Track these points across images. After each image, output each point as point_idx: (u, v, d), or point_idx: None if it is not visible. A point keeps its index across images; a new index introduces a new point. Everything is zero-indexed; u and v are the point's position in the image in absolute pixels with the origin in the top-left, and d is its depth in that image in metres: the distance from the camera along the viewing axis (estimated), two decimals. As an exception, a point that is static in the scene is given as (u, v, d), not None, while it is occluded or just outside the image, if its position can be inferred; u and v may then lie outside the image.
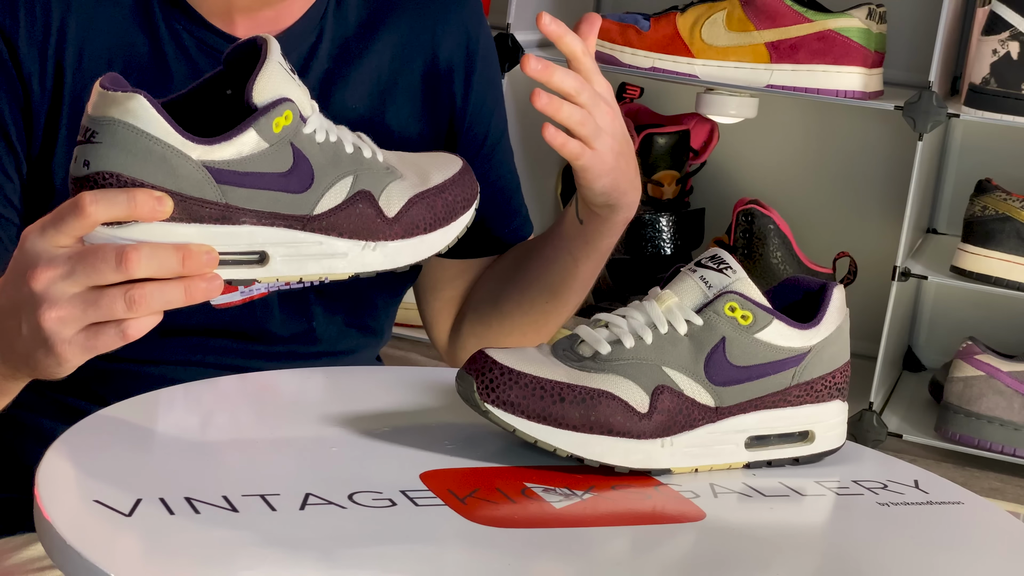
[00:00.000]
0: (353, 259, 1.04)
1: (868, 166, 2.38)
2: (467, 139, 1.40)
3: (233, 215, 0.99)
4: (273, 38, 1.03)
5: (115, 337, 0.98)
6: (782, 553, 0.97)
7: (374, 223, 1.04)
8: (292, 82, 1.02)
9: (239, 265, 1.00)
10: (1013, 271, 2.03)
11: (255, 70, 1.00)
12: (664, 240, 2.24)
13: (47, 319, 0.96)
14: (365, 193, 1.04)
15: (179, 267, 0.97)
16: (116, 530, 0.86)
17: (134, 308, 0.96)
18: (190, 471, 0.96)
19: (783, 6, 2.07)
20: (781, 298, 1.10)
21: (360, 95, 1.32)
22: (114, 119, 0.96)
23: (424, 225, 1.07)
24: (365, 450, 1.03)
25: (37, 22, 1.20)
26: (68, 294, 0.96)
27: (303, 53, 1.29)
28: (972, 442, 2.02)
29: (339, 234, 1.03)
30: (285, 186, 1.01)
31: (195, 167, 0.97)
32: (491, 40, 1.44)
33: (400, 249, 1.06)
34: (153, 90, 1.23)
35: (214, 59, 1.25)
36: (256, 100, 0.99)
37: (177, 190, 0.97)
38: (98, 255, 0.96)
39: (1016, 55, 1.99)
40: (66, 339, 0.97)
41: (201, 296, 0.98)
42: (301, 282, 1.04)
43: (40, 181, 1.22)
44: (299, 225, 1.02)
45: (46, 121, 1.21)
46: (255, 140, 0.99)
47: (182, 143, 0.97)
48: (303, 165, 1.01)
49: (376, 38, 1.33)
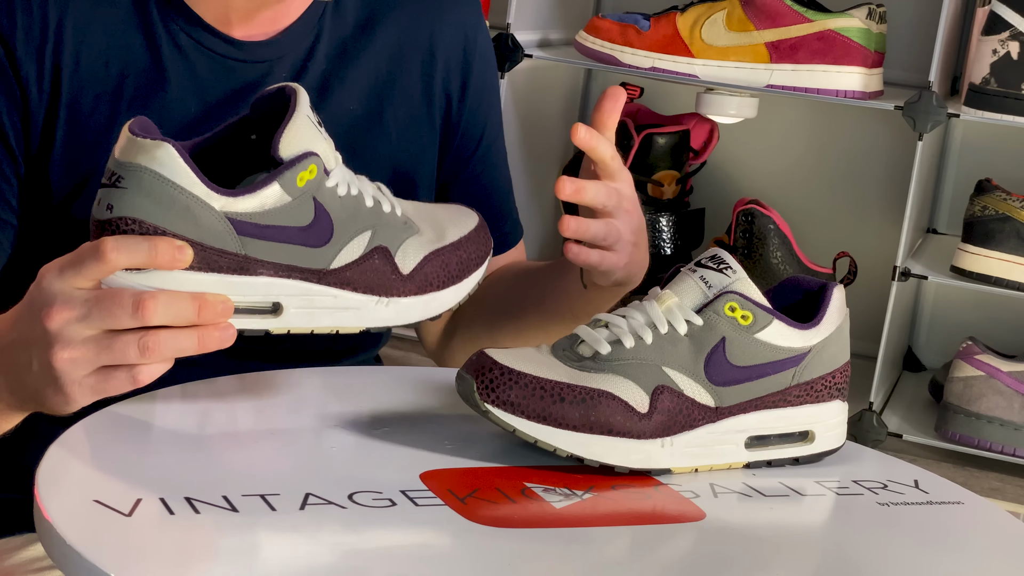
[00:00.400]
0: (365, 314, 1.06)
1: (868, 166, 2.38)
2: (462, 140, 1.40)
3: (251, 266, 1.00)
4: (302, 88, 1.03)
5: (125, 381, 0.99)
6: (782, 553, 0.97)
7: (388, 279, 1.06)
8: (319, 135, 1.02)
9: (252, 315, 1.02)
10: (1013, 271, 2.03)
11: (283, 122, 1.01)
12: (664, 240, 2.24)
13: (59, 359, 0.97)
14: (382, 249, 1.05)
15: (194, 316, 0.98)
16: (116, 530, 0.85)
17: (147, 355, 0.97)
18: (190, 471, 0.96)
19: (783, 6, 2.06)
20: (781, 298, 1.10)
21: (358, 96, 1.32)
22: (141, 166, 0.97)
23: (437, 283, 1.08)
24: (365, 450, 1.03)
25: (34, 24, 1.20)
26: (82, 336, 0.97)
27: (301, 55, 1.29)
28: (972, 442, 2.02)
29: (353, 288, 1.04)
30: (304, 240, 1.02)
31: (217, 218, 0.98)
32: (489, 42, 1.44)
33: (412, 306, 1.07)
34: (150, 92, 1.24)
35: (211, 60, 1.25)
36: (283, 153, 1.00)
37: (198, 240, 0.98)
38: (115, 300, 0.96)
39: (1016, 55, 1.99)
40: (76, 380, 0.98)
41: (214, 345, 0.99)
42: (312, 333, 1.05)
43: (37, 183, 1.22)
44: (315, 278, 1.03)
45: (43, 123, 1.21)
46: (278, 194, 1.00)
47: (206, 193, 0.98)
48: (323, 219, 1.02)
49: (374, 38, 1.33)
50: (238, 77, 1.26)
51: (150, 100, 1.23)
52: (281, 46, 1.28)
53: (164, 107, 1.24)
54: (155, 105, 1.24)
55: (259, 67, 1.27)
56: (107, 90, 1.22)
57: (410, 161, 1.36)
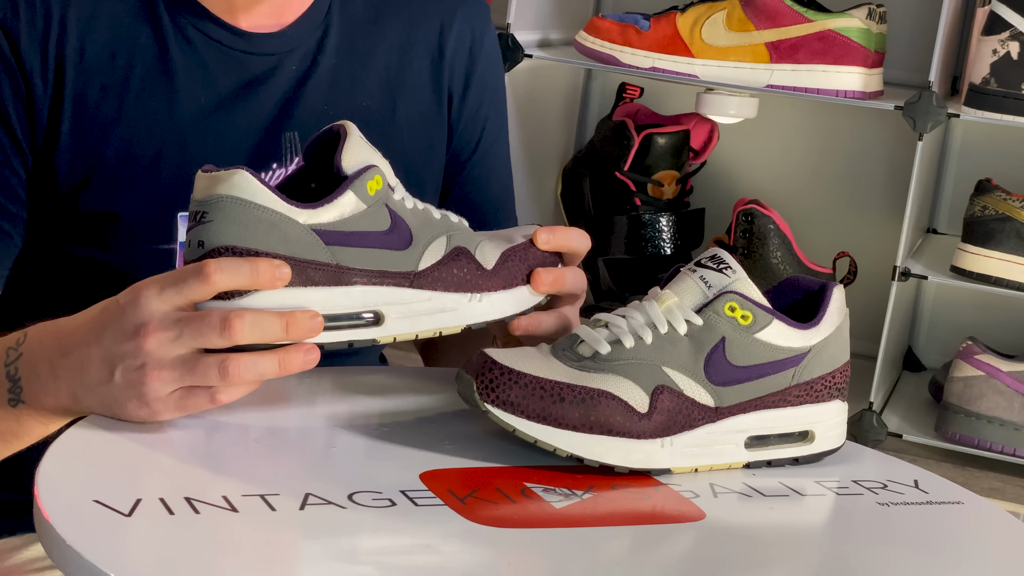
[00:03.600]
0: (462, 312, 1.07)
1: (868, 166, 2.38)
2: (460, 139, 1.40)
3: (345, 276, 1.01)
4: (350, 123, 1.05)
5: (206, 401, 1.00)
6: (782, 553, 0.97)
7: (475, 276, 1.07)
8: (376, 153, 1.04)
9: (356, 328, 1.03)
10: (1013, 271, 2.03)
11: (340, 145, 1.03)
12: (664, 240, 2.24)
13: (151, 378, 0.98)
14: (462, 249, 1.07)
15: (283, 334, 0.99)
16: (116, 530, 0.85)
17: (227, 379, 0.98)
18: (190, 471, 0.96)
19: (783, 6, 2.06)
20: (781, 298, 1.10)
21: (370, 92, 1.32)
22: (222, 195, 0.99)
23: (521, 277, 1.10)
24: (365, 450, 1.03)
25: (37, 16, 1.21)
26: (172, 356, 0.98)
27: (310, 48, 1.29)
28: (972, 442, 2.02)
29: (445, 288, 1.06)
30: (388, 243, 1.03)
31: (304, 231, 1.00)
32: (496, 45, 1.44)
33: (504, 299, 1.09)
34: (157, 83, 1.24)
35: (220, 52, 1.26)
36: (345, 168, 1.02)
37: (290, 255, 0.99)
38: (205, 320, 0.97)
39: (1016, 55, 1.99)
40: (161, 397, 0.99)
41: (296, 368, 1.00)
42: (416, 338, 1.06)
43: (44, 175, 1.23)
44: (407, 283, 1.04)
45: (48, 115, 1.22)
46: (354, 201, 1.02)
47: (289, 209, 1.00)
48: (400, 225, 1.04)
49: (384, 34, 1.34)
50: (247, 69, 1.27)
51: (157, 92, 1.24)
52: (290, 39, 1.28)
53: (172, 98, 1.24)
54: (163, 97, 1.24)
55: (268, 60, 1.27)
56: (114, 82, 1.23)
57: (421, 159, 1.36)
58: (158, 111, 1.23)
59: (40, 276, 1.26)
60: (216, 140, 1.25)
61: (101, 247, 1.23)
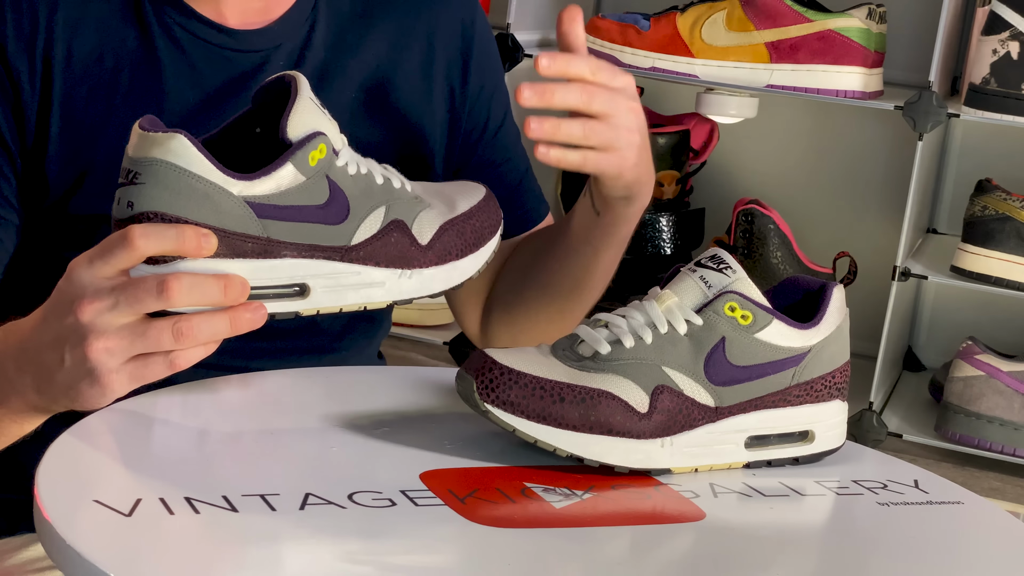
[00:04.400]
0: (390, 287, 1.06)
1: (868, 166, 2.38)
2: (468, 124, 1.40)
3: (275, 248, 1.01)
4: (301, 75, 1.04)
5: (163, 367, 0.99)
6: (782, 553, 0.97)
7: (408, 251, 1.06)
8: (323, 116, 1.03)
9: (280, 299, 1.02)
10: (1013, 271, 2.03)
11: (287, 106, 1.02)
12: (664, 240, 2.24)
13: (94, 350, 0.98)
14: (398, 222, 1.06)
15: (220, 296, 0.98)
16: (116, 530, 0.85)
17: (181, 340, 0.98)
18: (190, 471, 0.96)
19: (783, 6, 2.07)
20: (781, 298, 1.10)
21: (358, 85, 1.32)
22: (156, 159, 0.98)
23: (456, 251, 1.09)
24: (365, 450, 1.03)
25: (24, 20, 1.20)
26: (115, 325, 0.97)
27: (298, 43, 1.29)
28: (972, 442, 2.02)
29: (376, 263, 1.05)
30: (323, 218, 1.02)
31: (237, 203, 0.99)
32: (487, 25, 1.44)
33: (434, 276, 1.08)
34: (146, 84, 1.24)
35: (207, 50, 1.25)
36: (290, 135, 1.01)
37: (220, 226, 0.99)
38: (140, 285, 0.97)
39: (1016, 55, 1.99)
40: (112, 369, 0.98)
41: (246, 326, 1.00)
42: (340, 311, 1.05)
43: (34, 179, 1.22)
44: (337, 256, 1.03)
45: (37, 119, 1.21)
46: (293, 173, 1.00)
47: (223, 180, 0.98)
48: (339, 197, 1.03)
49: (372, 27, 1.34)
50: (235, 67, 1.26)
51: (146, 92, 1.23)
52: (277, 34, 1.28)
53: (161, 99, 1.24)
54: (152, 97, 1.24)
55: (256, 56, 1.27)
56: (101, 84, 1.22)
57: (411, 150, 1.36)
58: (147, 112, 1.23)
59: (34, 280, 1.26)
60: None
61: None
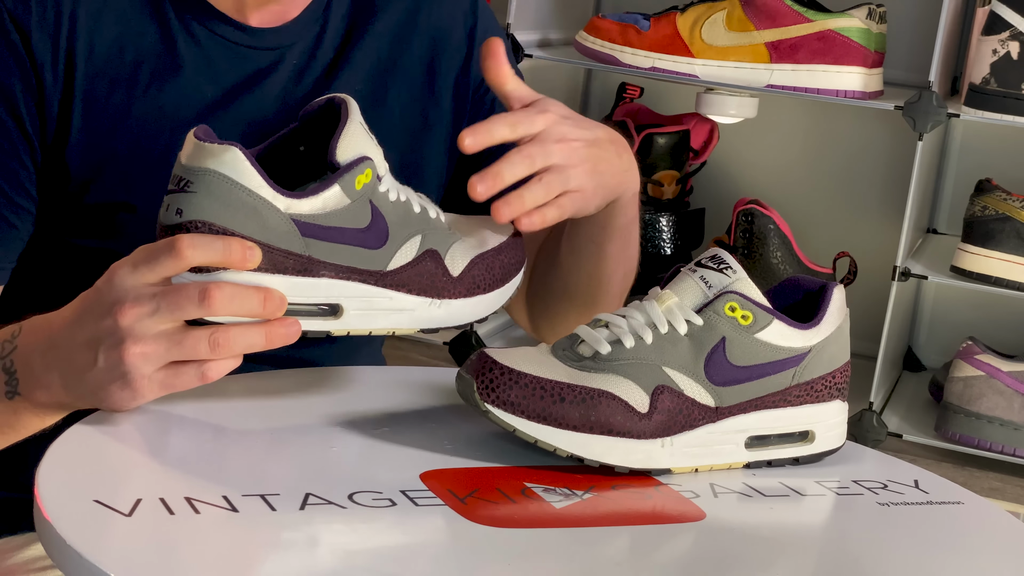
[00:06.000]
0: (419, 315, 1.08)
1: (868, 166, 2.38)
2: (472, 115, 1.40)
3: (314, 267, 1.02)
4: (351, 99, 1.06)
5: (194, 377, 1.00)
6: (782, 553, 0.97)
7: (440, 281, 1.08)
8: (371, 141, 1.05)
9: (313, 316, 1.03)
10: (1013, 271, 2.03)
11: (338, 129, 1.03)
12: (664, 240, 2.24)
13: (131, 354, 0.99)
14: (433, 252, 1.08)
15: (259, 308, 1.00)
16: (116, 530, 0.85)
17: (216, 350, 0.99)
18: (190, 471, 0.96)
19: (783, 6, 2.06)
20: (781, 298, 1.10)
21: (361, 77, 1.34)
22: (209, 169, 0.99)
23: (484, 285, 1.11)
24: (365, 450, 1.03)
25: (48, 11, 1.21)
26: (154, 331, 0.99)
27: (310, 42, 1.31)
28: (972, 442, 2.02)
29: (408, 290, 1.07)
30: (363, 242, 1.04)
31: (283, 219, 1.00)
32: (491, 14, 1.44)
33: (462, 307, 1.10)
34: (165, 78, 1.24)
35: (225, 47, 1.27)
36: (340, 158, 1.03)
37: (265, 241, 1.00)
38: (182, 292, 0.98)
39: (1016, 55, 1.99)
40: (146, 375, 0.99)
41: (280, 341, 1.01)
42: (370, 335, 1.07)
43: (54, 170, 1.23)
44: (372, 280, 1.05)
45: (59, 109, 1.22)
46: (339, 195, 1.02)
47: (272, 195, 1.00)
48: (380, 222, 1.05)
49: (376, 19, 1.35)
50: (251, 63, 1.28)
51: (165, 86, 1.25)
52: (291, 33, 1.30)
53: (179, 93, 1.25)
54: (171, 90, 1.25)
55: (272, 54, 1.29)
56: (122, 76, 1.24)
57: (414, 142, 1.37)
58: (166, 105, 1.24)
59: (48, 269, 1.27)
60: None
61: (113, 239, 1.24)
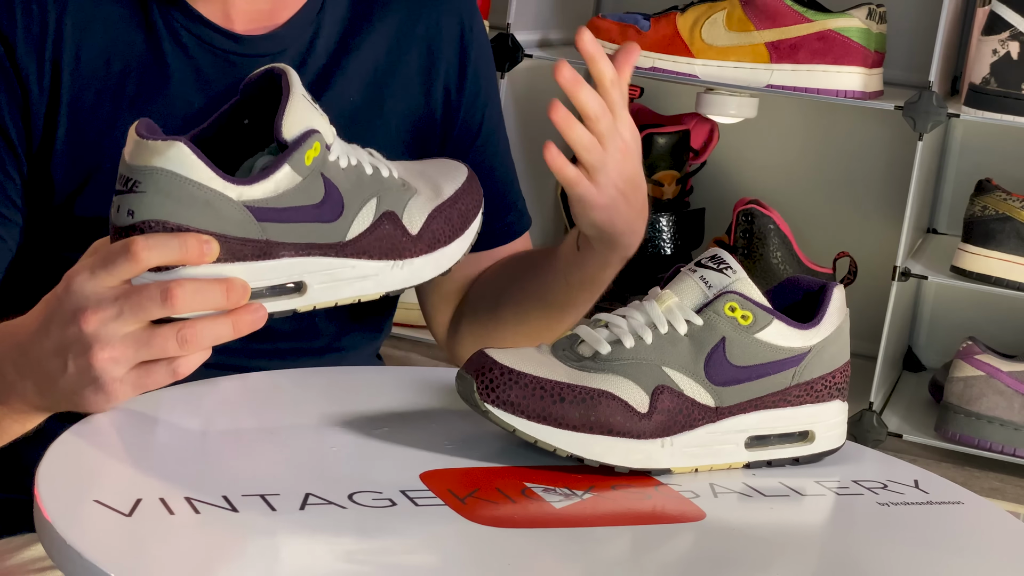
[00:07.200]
0: (383, 279, 1.08)
1: (868, 166, 2.38)
2: (461, 129, 1.40)
3: (273, 250, 1.02)
4: (291, 68, 1.05)
5: (166, 375, 1.01)
6: (782, 553, 0.97)
7: (400, 242, 1.08)
8: (315, 112, 1.04)
9: (278, 296, 1.03)
10: (1013, 271, 2.03)
11: (281, 104, 1.02)
12: (664, 240, 2.24)
13: (100, 359, 0.99)
14: (390, 214, 1.07)
15: (223, 300, 0.99)
16: (116, 530, 0.85)
17: (186, 346, 0.99)
18: (190, 471, 0.96)
19: (783, 6, 2.07)
20: (781, 298, 1.10)
21: (358, 86, 1.33)
22: (156, 167, 0.98)
23: (444, 238, 1.11)
24: (365, 450, 1.03)
25: (34, 21, 1.21)
26: (120, 334, 0.98)
27: (301, 48, 1.30)
28: (972, 442, 2.02)
29: (370, 256, 1.06)
30: (319, 216, 1.03)
31: (237, 208, 1.00)
32: (484, 31, 1.44)
33: (424, 264, 1.10)
34: (152, 88, 1.24)
35: (213, 55, 1.26)
36: (286, 135, 1.02)
37: (221, 232, 0.99)
38: (143, 293, 0.98)
39: (1016, 55, 1.99)
40: (117, 378, 0.99)
41: (247, 328, 1.01)
42: (336, 306, 1.06)
43: (40, 180, 1.23)
44: (333, 252, 1.05)
45: (45, 120, 1.22)
46: (290, 175, 1.01)
47: (223, 186, 0.99)
48: (333, 194, 1.04)
49: (372, 29, 1.34)
50: (240, 71, 1.27)
51: (153, 96, 1.24)
52: (281, 40, 1.29)
53: (167, 103, 1.24)
54: (158, 101, 1.24)
55: (260, 61, 1.27)
56: (108, 87, 1.23)
57: (410, 152, 1.36)
58: (153, 115, 1.24)
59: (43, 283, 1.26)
60: None
61: None
